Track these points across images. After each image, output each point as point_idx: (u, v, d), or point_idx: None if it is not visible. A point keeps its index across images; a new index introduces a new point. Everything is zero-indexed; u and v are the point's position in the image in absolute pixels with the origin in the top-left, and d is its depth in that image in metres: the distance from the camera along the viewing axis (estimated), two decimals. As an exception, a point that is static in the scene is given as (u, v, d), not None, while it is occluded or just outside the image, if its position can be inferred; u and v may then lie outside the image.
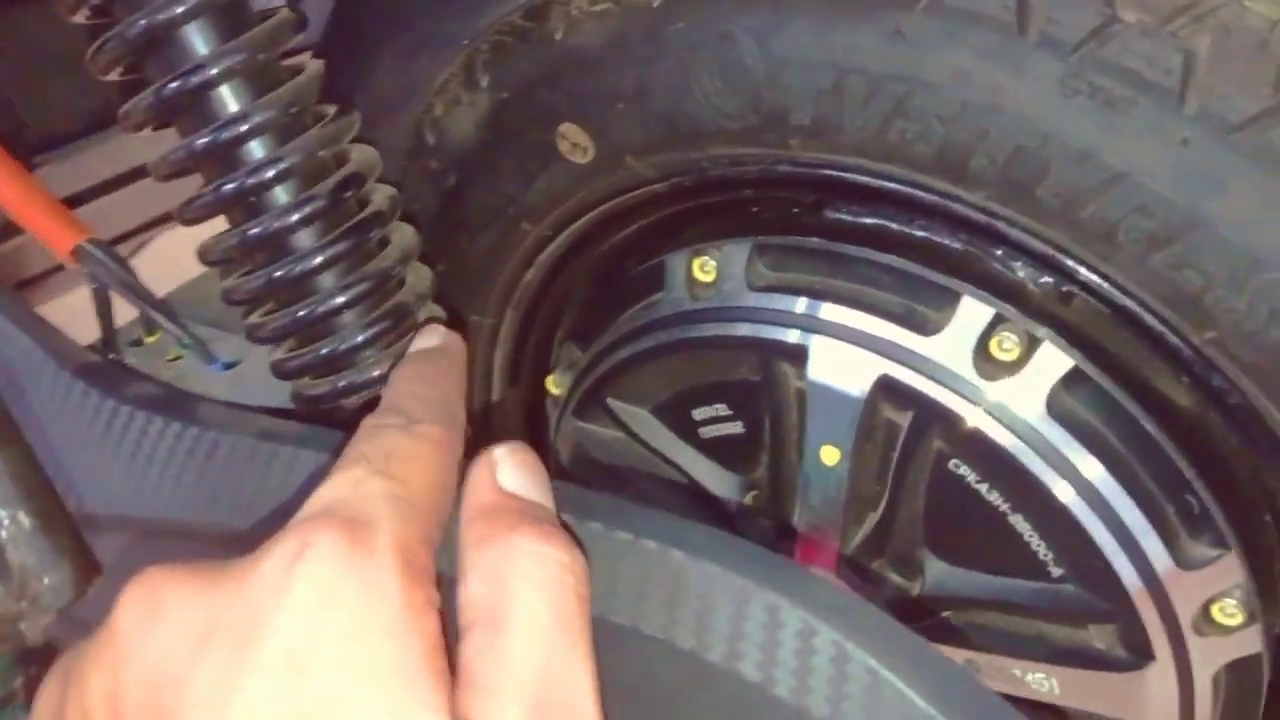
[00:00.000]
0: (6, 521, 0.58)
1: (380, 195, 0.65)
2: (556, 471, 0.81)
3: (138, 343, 1.33)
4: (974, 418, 0.60)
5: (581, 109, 0.66)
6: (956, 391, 0.60)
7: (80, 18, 0.58)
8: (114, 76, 0.59)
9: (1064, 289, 0.58)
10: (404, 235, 0.67)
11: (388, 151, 0.71)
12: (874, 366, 0.62)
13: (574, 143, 0.67)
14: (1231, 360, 0.52)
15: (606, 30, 0.62)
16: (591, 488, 0.47)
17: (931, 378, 0.60)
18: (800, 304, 0.64)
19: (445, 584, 0.40)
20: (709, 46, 0.59)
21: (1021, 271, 0.59)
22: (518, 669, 0.37)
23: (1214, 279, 0.50)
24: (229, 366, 1.25)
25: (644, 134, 0.64)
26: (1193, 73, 0.47)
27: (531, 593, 0.38)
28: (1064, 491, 0.59)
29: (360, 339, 0.61)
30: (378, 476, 0.40)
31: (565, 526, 0.43)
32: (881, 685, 0.41)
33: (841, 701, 0.41)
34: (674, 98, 0.61)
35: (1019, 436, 0.59)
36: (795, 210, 0.66)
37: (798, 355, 0.64)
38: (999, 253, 0.59)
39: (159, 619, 0.38)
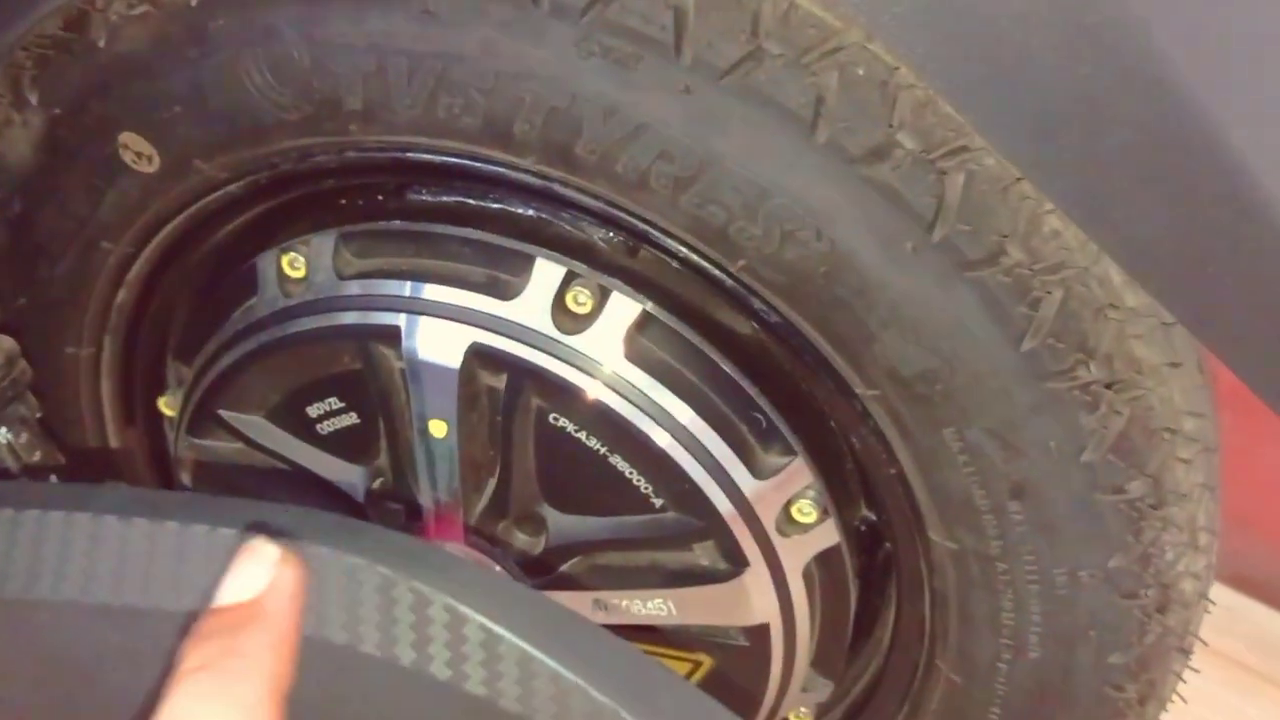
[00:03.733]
0: None
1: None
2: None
3: None
4: (561, 371, 0.64)
5: (138, 116, 0.64)
6: (541, 349, 0.63)
7: None
8: None
9: (620, 239, 0.63)
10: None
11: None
12: (464, 337, 0.64)
13: (137, 152, 0.66)
14: (763, 283, 0.58)
15: (149, 33, 0.61)
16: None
17: (517, 339, 0.64)
18: (389, 286, 0.66)
19: None
20: (254, 41, 0.59)
21: (586, 229, 0.63)
22: None
23: (733, 211, 0.56)
24: None
25: (206, 135, 0.63)
26: (684, 26, 0.52)
27: None
28: (649, 426, 0.64)
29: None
30: None
31: None
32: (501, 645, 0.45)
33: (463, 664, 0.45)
34: (229, 95, 0.61)
35: (603, 382, 0.64)
36: (379, 196, 0.68)
37: (392, 337, 0.65)
38: (565, 214, 0.63)
39: None
